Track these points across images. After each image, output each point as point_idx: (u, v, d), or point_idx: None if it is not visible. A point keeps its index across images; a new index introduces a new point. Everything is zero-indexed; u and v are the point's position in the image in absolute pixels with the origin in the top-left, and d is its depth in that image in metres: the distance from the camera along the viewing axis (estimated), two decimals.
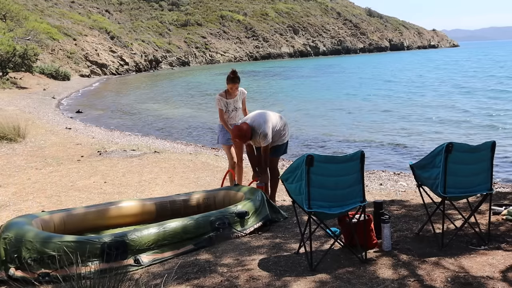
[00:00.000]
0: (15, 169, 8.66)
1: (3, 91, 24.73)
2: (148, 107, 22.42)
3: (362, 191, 3.82)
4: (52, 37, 42.87)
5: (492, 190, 4.10)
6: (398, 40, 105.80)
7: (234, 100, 6.09)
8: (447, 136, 12.72)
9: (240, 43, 77.63)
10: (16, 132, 11.36)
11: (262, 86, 32.49)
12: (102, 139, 12.50)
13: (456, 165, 3.86)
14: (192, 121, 17.74)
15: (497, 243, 3.99)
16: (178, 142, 12.93)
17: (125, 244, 4.11)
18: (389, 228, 3.99)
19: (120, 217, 5.19)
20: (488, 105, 18.58)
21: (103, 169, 8.71)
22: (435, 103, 20.02)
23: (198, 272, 3.76)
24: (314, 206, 3.66)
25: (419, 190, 4.33)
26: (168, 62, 62.97)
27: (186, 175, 8.24)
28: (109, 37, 54.77)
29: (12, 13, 37.95)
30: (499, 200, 5.25)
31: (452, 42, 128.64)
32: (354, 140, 12.75)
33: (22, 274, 3.88)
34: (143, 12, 77.23)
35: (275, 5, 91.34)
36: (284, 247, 4.22)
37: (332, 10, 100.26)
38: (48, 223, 4.67)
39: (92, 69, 45.27)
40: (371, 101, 21.72)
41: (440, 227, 4.14)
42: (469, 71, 38.81)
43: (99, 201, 6.43)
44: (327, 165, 3.67)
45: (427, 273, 3.48)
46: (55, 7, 58.67)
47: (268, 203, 5.25)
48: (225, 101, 6.06)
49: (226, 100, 6.07)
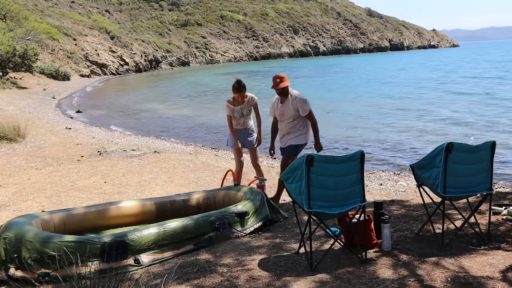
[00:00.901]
0: (15, 169, 8.66)
1: (3, 91, 24.74)
2: (148, 107, 22.42)
3: (362, 191, 3.82)
4: (52, 37, 42.89)
5: (492, 190, 4.10)
6: (398, 40, 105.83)
7: (241, 107, 6.22)
8: (447, 136, 12.72)
9: (240, 43, 77.65)
10: (16, 132, 11.37)
11: (262, 86, 32.49)
12: (102, 139, 12.50)
13: (456, 165, 3.86)
14: (192, 121, 17.75)
15: (497, 243, 3.99)
16: (178, 142, 12.93)
17: (125, 244, 4.11)
18: (389, 228, 3.99)
19: (120, 217, 5.19)
20: (488, 106, 18.58)
21: (103, 169, 8.71)
22: (435, 103, 20.01)
23: (198, 272, 3.76)
24: (314, 206, 3.66)
25: (419, 190, 4.33)
26: (168, 62, 62.99)
27: (186, 175, 8.24)
28: (109, 37, 54.79)
29: (12, 13, 37.96)
30: (499, 200, 5.25)
31: (452, 42, 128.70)
32: (354, 140, 12.74)
33: (22, 274, 3.88)
34: (143, 12, 77.25)
35: (275, 5, 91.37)
36: (284, 247, 4.22)
37: (332, 10, 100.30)
38: (48, 223, 4.68)
39: (92, 69, 45.28)
40: (371, 102, 21.71)
41: (440, 227, 4.14)
42: (469, 71, 38.83)
43: (99, 201, 6.43)
44: (327, 165, 3.67)
45: (427, 273, 3.47)
46: (55, 7, 58.69)
47: (268, 203, 5.25)
48: (232, 107, 6.21)
49: (233, 107, 6.20)
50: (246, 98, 6.21)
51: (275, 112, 6.04)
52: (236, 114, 6.21)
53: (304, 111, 5.84)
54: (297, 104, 5.85)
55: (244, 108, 6.22)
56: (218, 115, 19.00)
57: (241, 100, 6.17)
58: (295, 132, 5.96)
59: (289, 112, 5.87)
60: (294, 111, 5.85)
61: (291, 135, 5.98)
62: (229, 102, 6.22)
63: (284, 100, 5.92)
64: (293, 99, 5.87)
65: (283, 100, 5.93)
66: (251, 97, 6.25)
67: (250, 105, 6.25)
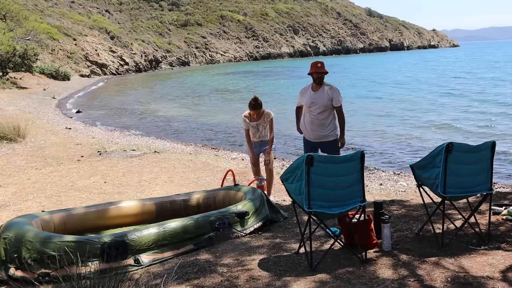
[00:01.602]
0: (15, 169, 8.66)
1: (3, 91, 24.73)
2: (148, 107, 22.43)
3: (362, 191, 3.82)
4: (52, 37, 42.87)
5: (492, 190, 4.10)
6: (398, 40, 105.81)
7: (257, 123, 6.33)
8: (447, 136, 12.73)
9: (240, 43, 77.64)
10: (16, 132, 11.37)
11: (262, 86, 32.51)
12: (102, 139, 12.50)
13: (456, 165, 3.86)
14: (192, 121, 17.75)
15: (497, 243, 3.99)
16: (178, 142, 12.93)
17: (125, 244, 4.11)
18: (389, 228, 3.99)
19: (120, 217, 5.19)
20: (488, 108, 18.59)
21: (103, 169, 8.71)
22: (435, 103, 20.02)
23: (198, 272, 3.76)
24: (314, 206, 3.66)
25: (419, 190, 4.33)
26: (168, 62, 62.96)
27: (186, 175, 8.24)
28: (109, 37, 54.77)
29: (12, 13, 37.96)
30: (499, 200, 5.25)
31: (452, 42, 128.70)
32: (354, 141, 12.74)
33: (22, 274, 3.88)
34: (143, 12, 77.23)
35: (275, 5, 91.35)
36: (284, 247, 4.21)
37: (332, 10, 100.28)
38: (48, 223, 4.68)
39: (92, 69, 45.26)
40: (371, 102, 21.72)
41: (440, 227, 4.14)
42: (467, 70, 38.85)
43: (99, 201, 6.43)
44: (327, 165, 3.67)
45: (427, 273, 3.47)
46: (55, 7, 58.67)
47: (268, 203, 5.25)
48: (248, 122, 6.34)
49: (249, 122, 6.33)
50: (263, 114, 6.29)
51: (304, 101, 5.78)
52: (252, 129, 6.34)
53: (338, 101, 5.67)
54: (333, 94, 5.66)
55: (260, 124, 6.32)
56: (218, 115, 19.03)
57: (257, 117, 6.27)
58: (329, 125, 5.72)
59: (322, 100, 5.65)
60: (328, 100, 5.64)
61: (325, 130, 5.72)
62: (246, 117, 6.34)
63: (317, 88, 5.70)
64: (329, 88, 5.69)
65: (316, 88, 5.72)
66: (267, 113, 6.32)
67: (266, 121, 6.32)
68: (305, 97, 5.80)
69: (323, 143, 5.75)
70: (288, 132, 13.35)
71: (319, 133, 5.74)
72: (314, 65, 5.75)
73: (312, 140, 5.81)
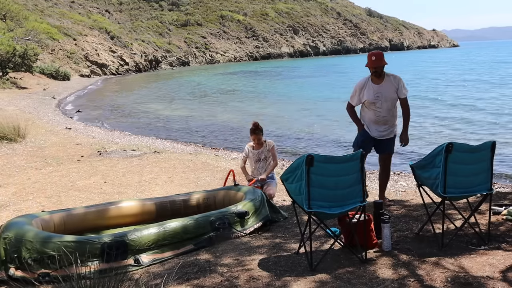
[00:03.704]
0: (15, 169, 8.65)
1: (3, 91, 24.73)
2: (148, 107, 22.43)
3: (362, 191, 3.82)
4: (52, 37, 42.86)
5: (492, 190, 4.10)
6: (398, 40, 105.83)
7: (259, 152, 6.25)
8: (447, 137, 12.72)
9: (240, 43, 77.65)
10: (16, 132, 11.37)
11: (262, 86, 32.50)
12: (102, 139, 12.50)
13: (456, 165, 3.86)
14: (192, 121, 17.75)
15: (497, 243, 3.99)
16: (178, 142, 12.94)
17: (125, 244, 4.11)
18: (389, 228, 3.99)
19: (120, 217, 5.19)
20: (494, 103, 18.58)
21: (103, 169, 8.71)
22: (435, 103, 20.01)
23: (198, 272, 3.75)
24: (314, 206, 3.65)
25: (419, 190, 4.33)
26: (168, 62, 62.97)
27: (186, 175, 8.24)
28: (109, 37, 54.76)
29: (12, 13, 37.96)
30: (499, 200, 5.24)
31: (452, 42, 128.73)
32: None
33: (22, 274, 3.88)
34: (143, 12, 77.23)
35: (275, 5, 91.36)
36: (284, 247, 4.21)
37: (332, 10, 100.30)
38: (48, 223, 4.67)
39: (92, 69, 45.26)
40: None
41: (440, 227, 4.14)
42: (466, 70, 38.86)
43: (99, 201, 6.43)
44: (327, 165, 3.67)
45: (427, 273, 3.47)
46: (55, 7, 58.66)
47: (268, 203, 5.25)
48: (250, 150, 6.28)
49: (252, 150, 6.27)
50: (264, 143, 6.23)
51: (366, 96, 5.24)
52: (253, 158, 6.24)
53: (404, 92, 5.21)
54: (399, 83, 5.17)
55: (261, 153, 6.23)
56: (218, 115, 19.02)
57: (257, 145, 6.20)
58: (394, 122, 5.33)
59: (389, 93, 5.16)
60: (394, 91, 5.17)
61: (389, 128, 5.34)
62: (249, 145, 6.31)
63: (379, 81, 5.19)
64: (393, 78, 5.19)
65: (377, 81, 5.19)
66: (269, 142, 6.27)
67: (268, 151, 6.23)
68: (366, 92, 5.25)
69: (382, 140, 5.45)
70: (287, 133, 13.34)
71: (381, 132, 5.39)
72: (375, 56, 5.21)
73: (373, 136, 5.47)
